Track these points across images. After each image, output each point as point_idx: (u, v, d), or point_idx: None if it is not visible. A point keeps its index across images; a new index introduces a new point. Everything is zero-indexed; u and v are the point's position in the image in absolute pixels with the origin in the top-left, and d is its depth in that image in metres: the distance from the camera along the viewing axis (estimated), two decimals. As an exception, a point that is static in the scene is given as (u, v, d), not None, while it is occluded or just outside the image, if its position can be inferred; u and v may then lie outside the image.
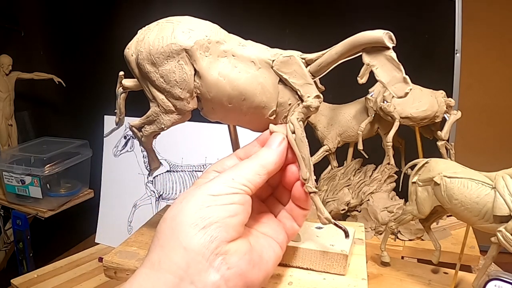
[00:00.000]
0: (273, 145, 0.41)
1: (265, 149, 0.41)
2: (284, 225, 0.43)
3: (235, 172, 0.38)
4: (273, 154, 0.40)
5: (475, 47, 1.78)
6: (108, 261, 0.57)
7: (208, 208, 0.34)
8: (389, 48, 0.38)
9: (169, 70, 0.45)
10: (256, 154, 0.40)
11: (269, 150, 0.40)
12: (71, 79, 1.57)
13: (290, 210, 0.43)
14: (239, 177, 0.37)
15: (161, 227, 0.35)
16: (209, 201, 0.35)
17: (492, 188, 0.62)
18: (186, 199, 0.35)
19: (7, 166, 1.28)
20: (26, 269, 1.27)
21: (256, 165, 0.39)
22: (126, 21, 1.24)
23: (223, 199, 0.35)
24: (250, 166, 0.38)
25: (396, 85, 0.39)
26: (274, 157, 0.40)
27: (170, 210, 0.36)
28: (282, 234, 0.42)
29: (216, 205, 0.35)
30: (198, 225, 0.33)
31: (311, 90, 0.43)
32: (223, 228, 0.34)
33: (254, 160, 0.39)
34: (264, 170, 0.39)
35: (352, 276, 0.49)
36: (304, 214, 0.43)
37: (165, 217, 0.36)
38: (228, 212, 0.35)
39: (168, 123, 0.50)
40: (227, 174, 0.38)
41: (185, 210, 0.34)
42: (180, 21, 0.47)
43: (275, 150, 0.40)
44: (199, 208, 0.34)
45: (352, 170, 1.06)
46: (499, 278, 0.58)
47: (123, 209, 1.23)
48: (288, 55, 0.44)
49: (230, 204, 0.35)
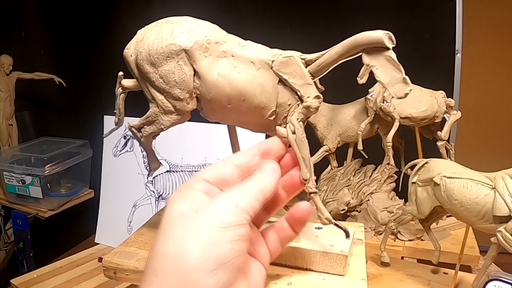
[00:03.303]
0: (268, 172, 0.38)
1: (261, 175, 0.38)
2: (269, 245, 0.41)
3: (238, 196, 0.35)
4: (270, 180, 0.37)
5: (475, 48, 1.78)
6: (108, 261, 0.57)
7: (215, 246, 0.31)
8: (389, 49, 0.38)
9: (168, 70, 0.45)
10: (254, 179, 0.37)
11: (266, 176, 0.38)
12: (72, 79, 1.57)
13: (280, 229, 0.41)
14: (242, 203, 0.34)
15: (159, 263, 0.31)
16: (216, 236, 0.31)
17: (491, 188, 0.62)
18: (190, 232, 0.32)
19: (8, 166, 1.28)
20: (27, 269, 1.27)
21: (255, 190, 0.36)
22: (127, 22, 1.24)
23: (229, 234, 0.32)
24: (251, 191, 0.36)
25: (396, 86, 0.39)
26: (272, 184, 0.37)
27: (170, 242, 0.32)
28: (267, 255, 0.40)
29: (223, 242, 0.32)
30: (206, 268, 0.30)
31: (311, 91, 0.43)
32: (230, 270, 0.31)
33: (253, 184, 0.37)
34: (262, 197, 0.36)
35: (352, 277, 0.49)
36: (293, 238, 0.42)
37: (164, 252, 0.32)
38: (235, 251, 0.32)
39: (167, 123, 0.50)
40: (230, 198, 0.34)
41: (189, 248, 0.31)
42: (179, 21, 0.47)
43: (272, 176, 0.38)
44: (206, 247, 0.31)
45: (352, 170, 1.06)
46: (499, 278, 0.58)
47: (123, 209, 1.23)
48: (287, 56, 0.44)
49: (237, 240, 0.32)
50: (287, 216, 0.41)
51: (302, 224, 0.40)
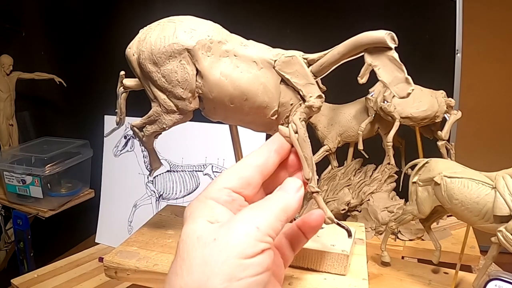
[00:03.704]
0: (290, 190, 0.35)
1: (284, 193, 0.35)
2: (285, 257, 0.39)
3: (259, 216, 0.32)
4: (294, 200, 0.35)
5: (475, 48, 1.78)
6: (109, 261, 0.57)
7: (238, 282, 0.29)
8: (391, 49, 0.39)
9: (171, 70, 0.45)
10: (276, 197, 0.35)
11: (289, 194, 0.35)
12: (72, 79, 1.57)
13: (292, 236, 0.40)
14: (264, 225, 0.31)
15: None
16: (239, 271, 0.29)
17: (492, 188, 0.62)
18: (209, 265, 0.29)
19: (8, 166, 1.28)
20: (27, 268, 1.27)
21: (277, 210, 0.33)
22: (127, 21, 1.24)
23: (253, 268, 0.29)
24: (272, 211, 0.33)
25: (398, 85, 0.39)
26: (295, 203, 0.34)
27: (188, 276, 0.29)
28: (282, 269, 0.39)
29: (247, 277, 0.29)
30: None
31: (313, 90, 0.44)
32: None
33: (274, 203, 0.33)
34: (284, 216, 0.33)
35: (353, 276, 0.49)
36: (304, 244, 0.40)
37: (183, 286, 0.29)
38: (257, 284, 0.30)
39: (169, 123, 0.50)
40: (250, 222, 0.31)
41: (209, 285, 0.28)
42: (182, 20, 0.47)
43: (296, 195, 0.35)
44: (227, 285, 0.28)
45: (352, 170, 1.07)
46: (500, 278, 0.58)
47: (123, 209, 1.23)
48: (290, 55, 0.44)
49: (262, 273, 0.30)
50: (299, 222, 0.40)
51: (315, 231, 0.39)
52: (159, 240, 0.63)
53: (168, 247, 0.61)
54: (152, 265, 0.56)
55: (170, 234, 0.65)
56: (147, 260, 0.57)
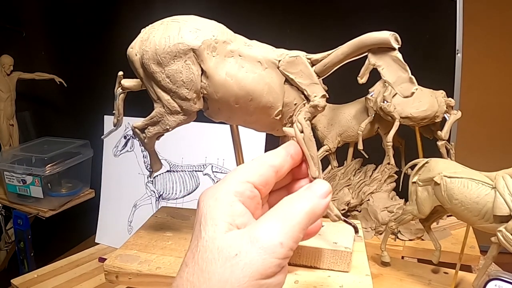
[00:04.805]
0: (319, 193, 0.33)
1: (313, 195, 0.33)
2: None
3: (283, 227, 0.30)
4: (321, 205, 0.32)
5: (476, 48, 1.79)
6: (109, 265, 0.56)
7: None
8: (395, 49, 0.39)
9: (175, 70, 0.45)
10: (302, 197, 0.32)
11: (317, 197, 0.32)
12: (72, 79, 1.56)
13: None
14: (288, 239, 0.29)
15: None
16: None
17: (492, 188, 0.62)
18: (230, 283, 0.28)
19: (9, 166, 1.28)
20: (27, 268, 1.27)
21: (303, 215, 0.31)
22: (127, 21, 1.24)
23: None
24: (298, 217, 0.31)
25: (402, 85, 0.40)
26: (321, 211, 0.32)
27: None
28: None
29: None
30: None
31: (318, 90, 0.44)
32: None
33: (301, 205, 0.31)
34: (308, 225, 0.31)
35: (356, 273, 0.49)
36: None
37: None
38: None
39: (173, 124, 0.50)
40: (274, 235, 0.29)
41: None
42: (186, 20, 0.47)
43: (323, 201, 0.33)
44: None
45: (352, 170, 1.07)
46: (499, 278, 0.58)
47: (123, 209, 1.23)
48: (294, 55, 0.44)
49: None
50: None
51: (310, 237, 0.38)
52: (158, 243, 0.62)
53: (168, 249, 0.60)
54: (155, 268, 0.56)
55: (169, 236, 0.65)
56: (149, 264, 0.57)
